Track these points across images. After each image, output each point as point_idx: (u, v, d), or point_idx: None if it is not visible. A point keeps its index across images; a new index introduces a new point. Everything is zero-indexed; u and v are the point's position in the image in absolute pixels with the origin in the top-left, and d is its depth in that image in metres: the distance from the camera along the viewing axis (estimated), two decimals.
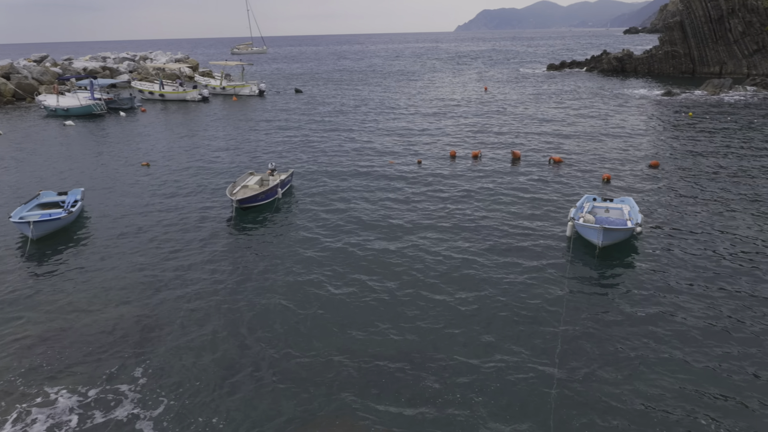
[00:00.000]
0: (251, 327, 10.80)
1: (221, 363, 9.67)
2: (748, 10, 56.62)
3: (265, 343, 10.22)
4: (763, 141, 26.46)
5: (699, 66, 59.55)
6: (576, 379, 8.95)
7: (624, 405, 8.33)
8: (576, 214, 15.12)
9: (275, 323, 10.91)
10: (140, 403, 8.69)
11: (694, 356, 9.49)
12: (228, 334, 10.57)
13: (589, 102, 41.54)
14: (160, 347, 10.17)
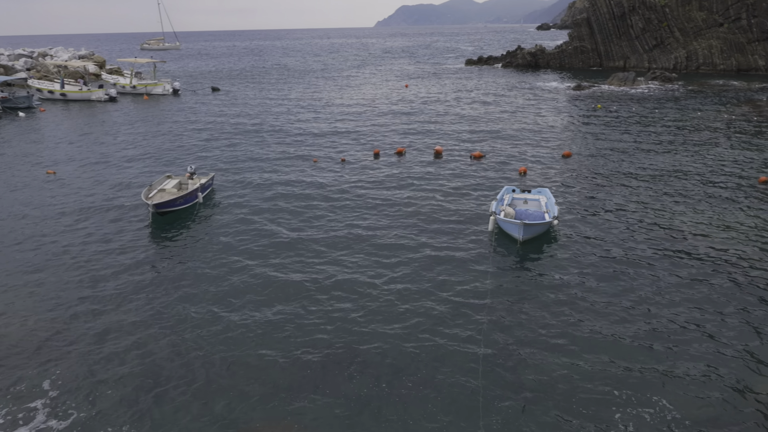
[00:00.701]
0: (173, 335, 10.28)
1: (143, 373, 9.13)
2: (647, 8, 60.49)
3: (189, 351, 9.76)
4: (663, 129, 28.34)
5: (605, 60, 63.02)
6: (502, 364, 9.15)
7: (547, 385, 8.60)
8: (497, 208, 15.51)
9: (198, 330, 10.45)
10: (51, 416, 8.09)
11: (609, 335, 9.96)
12: (149, 344, 10.00)
13: (506, 96, 42.90)
14: (72, 360, 9.47)
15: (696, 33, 59.70)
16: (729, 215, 16.03)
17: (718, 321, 10.50)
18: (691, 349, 9.64)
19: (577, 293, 11.70)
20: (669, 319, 10.59)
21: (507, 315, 10.91)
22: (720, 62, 58.35)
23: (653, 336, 10.05)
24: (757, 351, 9.54)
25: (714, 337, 9.99)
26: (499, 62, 70.68)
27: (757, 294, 11.46)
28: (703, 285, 11.90)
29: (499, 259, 13.50)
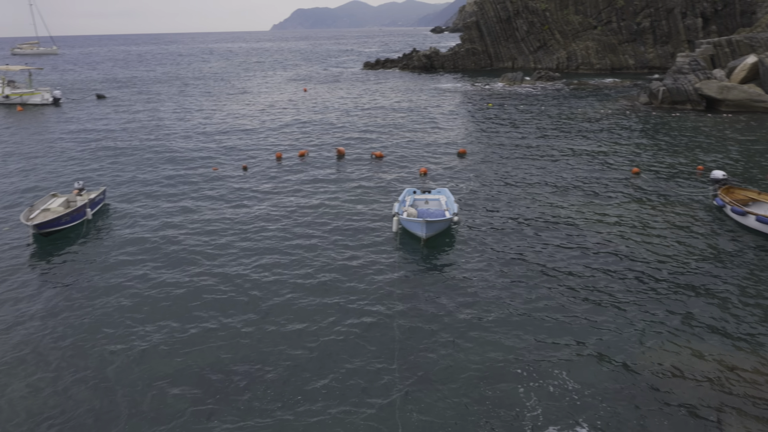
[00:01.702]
0: (67, 365, 9.56)
1: (38, 409, 8.42)
2: (530, 12, 64.37)
3: (87, 380, 9.12)
4: (549, 124, 30.32)
5: (495, 61, 66.29)
6: (414, 355, 9.39)
7: (458, 371, 8.94)
8: (399, 209, 15.88)
9: (91, 356, 9.80)
10: None
11: (511, 321, 10.53)
12: (41, 376, 9.23)
13: (404, 98, 43.90)
14: None
15: (574, 35, 64.34)
16: (608, 203, 17.45)
17: (606, 302, 11.41)
18: (585, 329, 10.41)
19: (480, 284, 12.25)
20: (565, 303, 11.37)
21: (415, 309, 11.20)
22: (596, 62, 63.24)
23: (552, 320, 10.74)
24: (637, 328, 10.47)
25: (602, 318, 10.85)
26: (396, 65, 72.11)
27: (635, 276, 12.58)
28: (589, 270, 12.88)
29: (405, 256, 13.83)
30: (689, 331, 10.19)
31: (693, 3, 61.82)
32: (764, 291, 11.58)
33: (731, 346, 9.67)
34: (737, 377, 8.83)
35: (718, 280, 12.11)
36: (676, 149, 24.43)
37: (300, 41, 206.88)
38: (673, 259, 13.25)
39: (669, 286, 11.96)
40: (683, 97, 35.40)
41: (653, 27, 62.42)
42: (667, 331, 10.23)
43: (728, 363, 9.19)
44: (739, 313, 10.77)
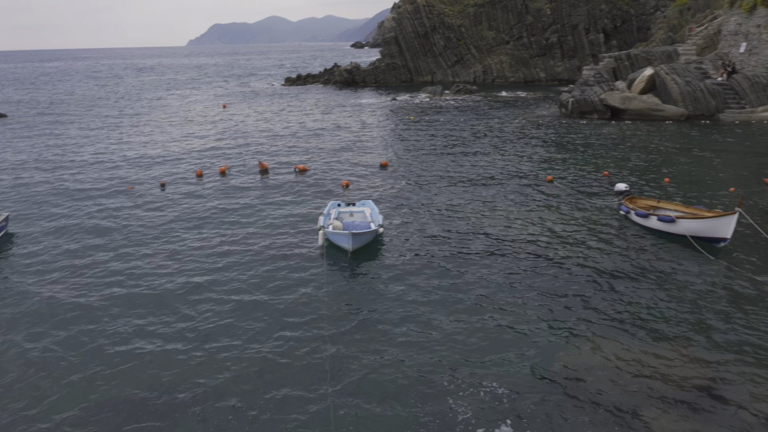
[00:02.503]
0: None
1: None
2: (446, 28, 66.43)
3: None
4: (469, 136, 31.26)
5: (416, 75, 67.77)
6: (346, 371, 9.28)
7: (389, 385, 8.90)
8: (325, 222, 15.77)
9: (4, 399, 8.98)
10: None
11: (437, 331, 10.65)
12: None
13: (326, 112, 43.91)
14: None
15: (489, 50, 67.00)
16: (526, 211, 18.15)
17: (528, 306, 11.80)
18: (509, 334, 10.69)
19: (407, 293, 12.33)
20: (490, 310, 11.64)
21: (344, 322, 11.10)
22: (510, 75, 66.12)
23: (477, 326, 10.95)
24: (557, 330, 10.89)
25: (524, 322, 11.20)
26: (317, 80, 72.09)
27: (553, 279, 13.11)
28: (510, 276, 13.29)
29: (332, 270, 13.71)
30: (605, 328, 10.71)
31: (595, 20, 66.12)
32: (671, 286, 12.39)
33: (645, 339, 10.25)
34: (652, 368, 9.35)
35: (628, 279, 12.84)
36: (586, 156, 25.86)
37: (218, 56, 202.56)
38: (586, 261, 13.93)
39: (584, 287, 12.55)
40: (590, 108, 37.61)
41: (561, 42, 66.14)
42: (585, 330, 10.69)
43: (643, 355, 9.72)
44: (650, 307, 11.45)
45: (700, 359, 9.56)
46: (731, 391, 8.70)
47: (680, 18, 53.12)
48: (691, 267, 13.29)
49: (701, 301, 11.60)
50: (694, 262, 13.52)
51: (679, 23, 52.55)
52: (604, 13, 66.09)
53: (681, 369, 9.28)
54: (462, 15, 66.51)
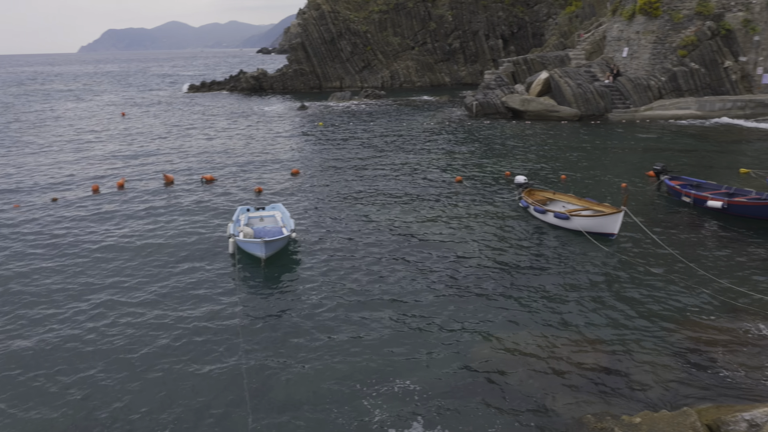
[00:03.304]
0: None
1: None
2: (352, 34, 66.91)
3: None
4: (379, 140, 31.64)
5: (324, 81, 67.65)
6: (264, 382, 9.05)
7: (305, 393, 8.79)
8: (235, 229, 15.34)
9: None
10: None
11: (355, 335, 10.66)
12: None
13: (234, 120, 42.80)
14: None
15: (395, 55, 68.26)
16: (436, 210, 18.63)
17: (439, 304, 12.08)
18: (423, 333, 10.89)
19: (323, 299, 12.25)
20: (402, 310, 11.81)
21: (261, 334, 10.83)
22: (417, 80, 67.72)
23: (391, 327, 11.08)
24: (469, 325, 11.24)
25: (438, 320, 11.47)
26: (223, 87, 70.17)
27: (463, 276, 13.53)
28: (422, 274, 13.58)
29: (245, 279, 13.36)
30: (514, 321, 11.19)
31: (494, 26, 69.26)
32: (571, 276, 13.18)
33: (551, 328, 10.81)
34: (559, 354, 9.87)
35: (533, 272, 13.51)
36: (490, 155, 26.98)
37: (114, 63, 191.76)
38: (494, 257, 14.52)
39: (493, 282, 13.05)
40: (493, 110, 39.30)
41: (463, 48, 68.68)
42: (495, 324, 11.12)
43: (550, 343, 10.25)
44: (553, 297, 12.11)
45: (600, 341, 10.22)
46: (628, 368, 9.38)
47: (570, 25, 56.81)
48: (586, 258, 14.21)
49: (597, 288, 12.43)
50: (589, 254, 14.47)
51: (569, 29, 56.17)
52: (501, 20, 69.39)
53: (584, 353, 9.88)
54: (367, 21, 67.30)
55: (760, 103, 36.12)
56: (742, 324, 10.63)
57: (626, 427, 6.96)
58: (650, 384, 8.91)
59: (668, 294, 11.98)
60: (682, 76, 36.85)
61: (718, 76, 36.89)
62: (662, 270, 13.17)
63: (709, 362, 9.43)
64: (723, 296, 11.71)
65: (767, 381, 8.88)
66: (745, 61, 37.35)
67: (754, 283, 12.30)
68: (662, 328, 10.60)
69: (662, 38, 37.50)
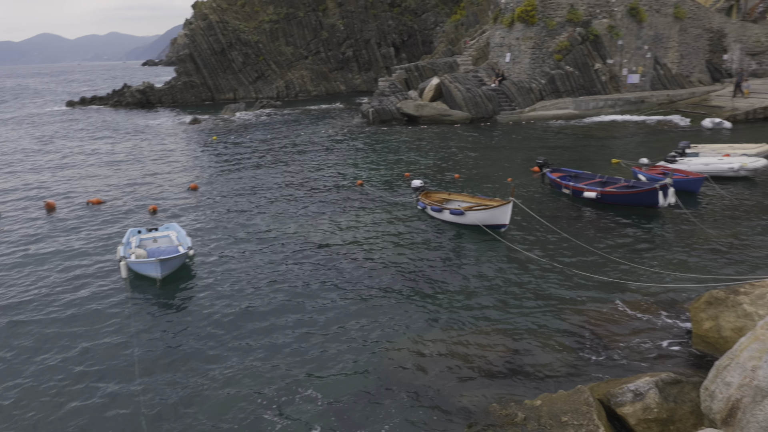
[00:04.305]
0: None
1: None
2: (243, 44, 65.56)
3: None
4: (278, 150, 31.21)
5: (216, 93, 65.64)
6: (163, 405, 8.58)
7: (206, 411, 8.46)
8: (126, 252, 14.47)
9: None
10: None
11: (259, 350, 10.41)
12: None
13: (120, 137, 40.39)
14: None
15: (289, 65, 67.74)
16: (339, 216, 18.69)
17: (345, 310, 12.10)
18: (329, 342, 10.85)
19: (224, 316, 11.84)
20: (306, 319, 11.70)
21: (159, 360, 10.26)
22: (312, 89, 67.61)
23: (296, 338, 10.94)
24: (377, 329, 11.36)
25: (344, 326, 11.48)
26: (106, 102, 65.96)
27: (368, 280, 13.66)
28: (326, 282, 13.55)
29: (140, 304, 12.61)
30: (420, 321, 11.45)
31: (385, 35, 70.80)
32: (470, 269, 13.72)
33: (456, 323, 11.18)
34: (465, 350, 10.22)
35: (435, 270, 13.92)
36: (389, 160, 27.50)
37: None
38: (397, 259, 14.80)
39: (397, 283, 13.30)
40: (389, 116, 40.11)
41: (356, 56, 69.55)
42: (402, 326, 11.32)
43: (457, 339, 10.59)
44: (456, 292, 12.54)
45: (501, 331, 10.72)
46: (528, 355, 9.92)
47: (456, 32, 59.38)
48: (483, 250, 14.88)
49: (495, 279, 13.04)
50: (485, 246, 15.17)
51: (455, 37, 58.68)
52: (392, 28, 71.08)
53: (487, 344, 10.31)
54: (258, 31, 66.27)
55: (627, 101, 39.76)
56: (625, 303, 11.61)
57: (528, 410, 7.35)
58: (549, 368, 9.48)
59: (558, 279, 12.82)
60: (559, 79, 39.69)
61: (590, 77, 40.13)
62: (551, 255, 14.08)
63: (599, 341, 10.20)
64: (605, 278, 12.73)
65: (647, 353, 9.75)
66: (612, 64, 40.95)
67: (627, 269, 13.47)
68: (556, 312, 11.32)
69: (539, 44, 40.20)
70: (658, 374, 7.85)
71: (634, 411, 7.39)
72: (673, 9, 41.53)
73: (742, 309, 9.15)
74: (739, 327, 8.99)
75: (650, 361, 9.52)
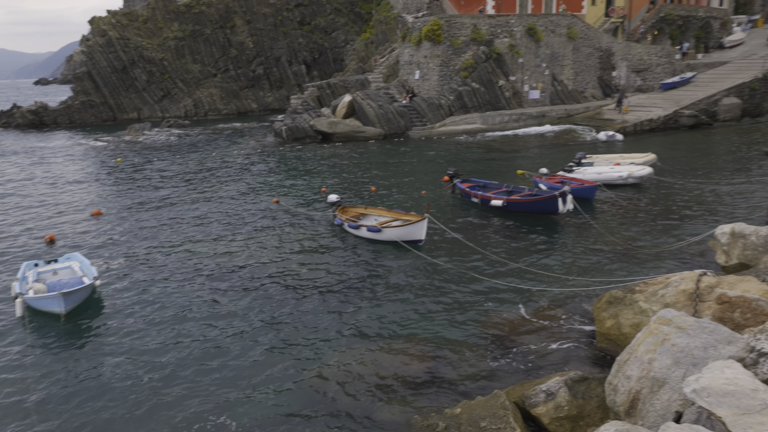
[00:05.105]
0: None
1: None
2: (147, 62, 63.02)
3: None
4: (190, 171, 30.13)
5: (119, 113, 62.48)
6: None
7: None
8: (21, 288, 13.39)
9: None
10: None
11: (170, 381, 9.97)
12: None
13: (9, 161, 37.39)
14: None
15: (197, 83, 65.83)
16: (256, 236, 18.32)
17: (264, 331, 11.86)
18: (248, 364, 10.58)
19: (133, 350, 11.24)
20: (225, 344, 11.35)
21: (60, 405, 9.55)
22: (223, 107, 66.05)
23: (213, 366, 10.58)
24: (296, 349, 11.22)
25: (264, 348, 11.25)
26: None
27: (287, 299, 13.49)
28: (244, 303, 13.23)
29: (40, 344, 11.68)
30: (339, 337, 11.44)
31: (295, 52, 70.65)
32: (389, 284, 13.89)
33: (377, 338, 11.26)
34: (387, 364, 10.31)
35: (353, 285, 13.98)
36: (305, 177, 27.37)
37: None
38: (314, 275, 14.73)
39: (314, 301, 13.22)
40: (303, 134, 39.96)
41: (267, 74, 68.86)
42: (321, 343, 11.25)
43: (378, 354, 10.65)
44: (375, 307, 12.64)
45: (421, 343, 10.92)
46: (448, 365, 10.17)
47: (366, 50, 60.34)
48: (400, 266, 15.14)
49: (413, 293, 13.29)
50: (402, 261, 15.44)
51: (366, 55, 59.62)
52: (302, 46, 71.07)
53: (409, 358, 10.47)
54: (163, 48, 63.98)
55: (529, 116, 42.05)
56: (535, 308, 12.21)
57: (449, 419, 7.53)
58: (467, 375, 9.77)
59: (472, 288, 13.28)
60: (467, 95, 41.35)
61: (494, 93, 42.11)
62: (465, 266, 14.57)
63: (513, 346, 10.65)
64: (515, 284, 13.33)
65: (557, 354, 10.31)
66: (514, 80, 43.23)
67: (535, 274, 14.20)
68: (472, 321, 11.71)
69: (447, 62, 41.73)
70: (567, 373, 8.31)
71: (546, 410, 7.78)
72: (567, 30, 44.59)
73: (638, 306, 9.90)
74: (637, 323, 9.71)
75: (560, 361, 10.06)
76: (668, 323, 6.86)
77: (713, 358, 6.05)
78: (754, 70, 42.25)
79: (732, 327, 7.27)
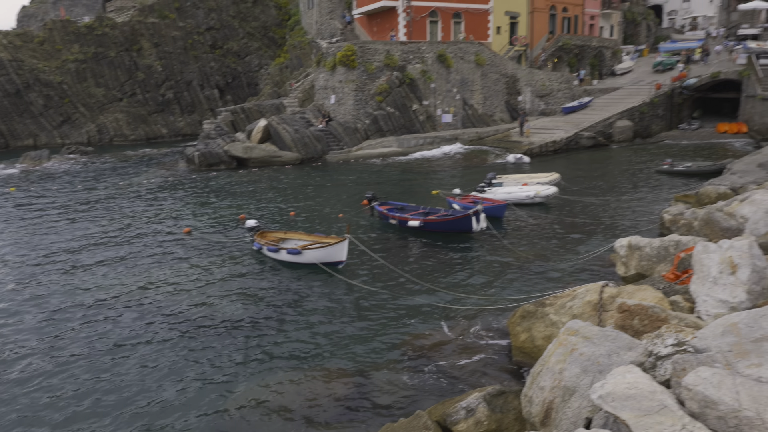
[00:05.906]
0: None
1: None
2: (44, 85, 59.28)
3: None
4: (92, 201, 28.38)
5: (12, 140, 58.10)
6: None
7: None
8: None
9: None
10: None
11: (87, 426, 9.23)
12: None
13: None
14: None
15: (101, 108, 62.60)
16: (167, 267, 17.48)
17: (181, 365, 11.27)
18: (165, 403, 10.00)
19: (33, 399, 10.30)
20: (139, 384, 10.67)
21: None
22: (130, 133, 63.11)
23: (128, 410, 9.91)
24: (217, 380, 10.75)
25: (181, 382, 10.68)
26: None
27: (205, 330, 12.92)
28: (154, 338, 12.54)
29: None
30: (260, 366, 11.08)
31: (207, 77, 69.10)
32: (310, 308, 13.68)
33: (299, 365, 10.99)
34: (310, 392, 10.08)
35: (273, 311, 13.64)
36: (220, 204, 26.58)
37: None
38: (233, 302, 14.24)
39: (234, 329, 12.76)
40: (217, 159, 38.91)
41: (177, 98, 66.72)
42: (242, 372, 10.85)
43: (301, 381, 10.39)
44: (297, 332, 12.38)
45: (343, 369, 10.79)
46: (371, 389, 10.09)
47: (281, 75, 60.10)
48: (321, 288, 14.98)
49: (334, 316, 13.16)
50: (322, 284, 15.29)
51: (281, 79, 59.34)
52: (214, 70, 69.66)
53: (331, 383, 10.30)
54: (62, 71, 60.46)
55: (443, 139, 43.39)
56: (452, 326, 12.44)
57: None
58: (390, 397, 9.75)
59: (393, 309, 13.34)
60: (382, 119, 42.08)
61: (409, 117, 43.15)
62: (386, 286, 14.64)
63: (433, 365, 10.76)
64: (434, 302, 13.55)
65: (476, 370, 10.52)
66: (427, 105, 44.56)
67: (452, 293, 14.53)
68: (393, 342, 11.73)
69: (361, 86, 42.35)
70: (485, 388, 8.48)
71: (467, 427, 7.88)
72: (475, 56, 46.69)
73: (549, 319, 10.34)
74: (548, 335, 10.13)
75: (480, 376, 10.28)
76: (575, 333, 7.20)
77: (616, 364, 6.40)
78: (643, 95, 46.14)
79: (632, 334, 7.73)
